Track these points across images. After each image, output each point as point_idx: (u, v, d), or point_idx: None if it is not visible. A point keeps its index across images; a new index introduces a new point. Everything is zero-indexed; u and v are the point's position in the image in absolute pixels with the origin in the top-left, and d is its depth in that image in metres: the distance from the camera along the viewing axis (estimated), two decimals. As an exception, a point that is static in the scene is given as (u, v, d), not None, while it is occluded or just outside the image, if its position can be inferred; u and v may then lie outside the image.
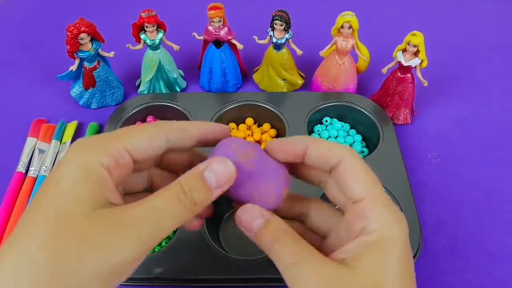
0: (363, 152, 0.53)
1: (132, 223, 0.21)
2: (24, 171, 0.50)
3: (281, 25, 0.53)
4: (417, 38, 0.49)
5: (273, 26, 0.53)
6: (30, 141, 0.53)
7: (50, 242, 0.20)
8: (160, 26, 0.55)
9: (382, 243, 0.23)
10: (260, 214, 0.25)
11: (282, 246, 0.24)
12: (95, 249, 0.20)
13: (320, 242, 0.28)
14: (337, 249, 0.25)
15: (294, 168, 0.29)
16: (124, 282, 0.42)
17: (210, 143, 0.28)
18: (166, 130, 0.26)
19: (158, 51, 0.56)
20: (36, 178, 0.50)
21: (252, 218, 0.25)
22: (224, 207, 0.48)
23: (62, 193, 0.21)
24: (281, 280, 0.24)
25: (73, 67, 0.54)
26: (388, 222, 0.23)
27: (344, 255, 0.24)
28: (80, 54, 0.53)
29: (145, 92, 0.59)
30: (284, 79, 0.59)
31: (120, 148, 0.24)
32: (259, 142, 0.54)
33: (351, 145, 0.53)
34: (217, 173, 0.24)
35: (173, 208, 0.23)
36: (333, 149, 0.26)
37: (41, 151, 0.52)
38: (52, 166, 0.51)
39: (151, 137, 0.25)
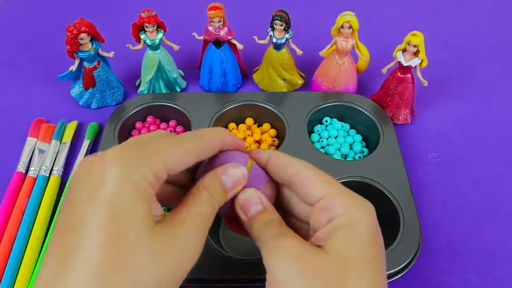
0: (363, 152, 0.53)
1: (189, 233, 0.24)
2: (24, 171, 0.50)
3: (281, 25, 0.53)
4: (417, 38, 0.49)
5: (273, 26, 0.53)
6: (30, 141, 0.53)
7: (109, 265, 0.20)
8: (160, 26, 0.54)
9: (349, 223, 0.25)
10: (260, 201, 0.28)
11: (269, 227, 0.26)
12: (167, 264, 0.22)
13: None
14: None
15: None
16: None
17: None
18: (199, 145, 0.27)
19: (158, 51, 0.56)
20: (36, 178, 0.50)
21: (252, 202, 0.27)
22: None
23: (121, 216, 0.21)
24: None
25: (73, 67, 0.54)
26: (353, 206, 0.26)
27: (319, 238, 0.26)
28: (80, 54, 0.53)
29: (145, 92, 0.59)
30: (284, 79, 0.59)
31: (161, 164, 0.24)
32: (259, 142, 0.54)
33: (351, 145, 0.53)
34: (233, 177, 0.27)
35: (210, 211, 0.26)
36: (290, 162, 0.29)
37: (41, 151, 0.52)
38: (52, 166, 0.51)
39: (187, 154, 0.26)
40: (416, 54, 0.51)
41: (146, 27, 0.53)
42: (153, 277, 0.21)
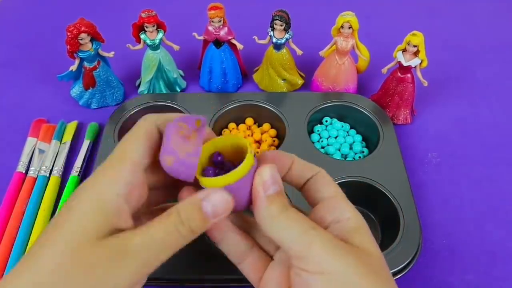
0: (363, 152, 0.53)
1: (130, 254, 0.23)
2: (24, 171, 0.50)
3: (281, 25, 0.53)
4: (417, 38, 0.49)
5: (273, 26, 0.53)
6: (30, 141, 0.53)
7: (57, 270, 0.22)
8: (160, 26, 0.54)
9: (359, 227, 0.26)
10: (278, 181, 0.26)
11: (291, 217, 0.25)
12: (97, 278, 0.22)
13: None
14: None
15: None
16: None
17: None
18: (135, 139, 0.27)
19: (158, 51, 0.56)
20: (36, 178, 0.50)
21: (273, 181, 0.25)
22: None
23: (71, 223, 0.23)
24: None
25: (73, 67, 0.54)
26: (355, 213, 0.27)
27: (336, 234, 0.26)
28: (80, 54, 0.53)
29: (145, 92, 0.59)
30: (284, 79, 0.59)
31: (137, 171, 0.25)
32: (259, 142, 0.54)
33: (351, 145, 0.53)
34: (214, 203, 0.24)
35: (170, 237, 0.24)
36: (311, 165, 0.29)
37: (41, 151, 0.52)
38: (52, 166, 0.51)
39: (134, 149, 0.26)
40: (416, 54, 0.51)
41: (146, 27, 0.53)
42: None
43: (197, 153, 0.25)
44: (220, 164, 0.27)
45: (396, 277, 0.40)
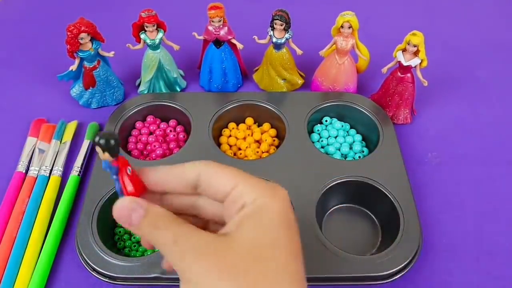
0: (363, 152, 0.53)
1: None
2: (24, 171, 0.50)
3: (281, 25, 0.53)
4: (417, 38, 0.49)
5: (273, 26, 0.53)
6: (30, 141, 0.53)
7: None
8: (160, 26, 0.54)
9: (258, 209, 0.25)
10: (139, 205, 0.25)
11: (162, 230, 0.24)
12: None
13: None
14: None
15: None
16: (125, 282, 0.42)
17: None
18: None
19: (158, 50, 0.56)
20: (36, 177, 0.50)
21: (131, 211, 0.25)
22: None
23: None
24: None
25: (73, 67, 0.54)
26: (260, 195, 0.25)
27: (228, 229, 0.25)
28: (80, 53, 0.53)
29: (145, 92, 0.59)
30: (284, 79, 0.59)
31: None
32: (259, 142, 0.54)
33: (351, 145, 0.53)
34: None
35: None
36: (187, 167, 0.27)
37: (41, 151, 0.52)
38: (52, 166, 0.51)
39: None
40: (416, 54, 0.51)
41: (146, 26, 0.53)
42: None
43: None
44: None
45: (396, 277, 0.40)
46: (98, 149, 0.24)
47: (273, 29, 0.54)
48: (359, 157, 0.52)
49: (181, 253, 0.24)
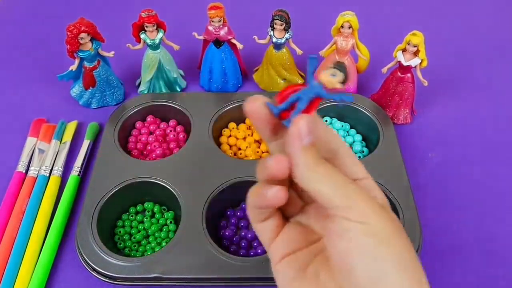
0: (363, 152, 0.53)
1: None
2: (24, 171, 0.50)
3: (281, 25, 0.53)
4: (417, 38, 0.49)
5: (273, 26, 0.53)
6: (30, 141, 0.53)
7: None
8: (160, 26, 0.54)
9: (385, 205, 0.27)
10: (314, 133, 0.25)
11: (329, 168, 0.25)
12: None
13: None
14: None
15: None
16: (125, 282, 0.42)
17: None
18: None
19: (158, 50, 0.56)
20: (36, 177, 0.50)
21: (309, 130, 0.24)
22: (224, 205, 0.48)
23: None
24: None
25: (73, 67, 0.54)
26: (382, 195, 0.28)
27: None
28: (80, 53, 0.53)
29: (145, 92, 0.59)
30: (284, 79, 0.59)
31: None
32: (259, 142, 0.54)
33: (351, 145, 0.53)
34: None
35: None
36: (336, 136, 0.29)
37: (41, 151, 0.52)
38: (52, 166, 0.51)
39: None
40: (416, 53, 0.51)
41: (146, 26, 0.53)
42: None
43: None
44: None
45: (396, 277, 0.40)
46: (335, 71, 0.25)
47: (273, 29, 0.54)
48: (359, 157, 0.52)
49: (353, 192, 0.24)
